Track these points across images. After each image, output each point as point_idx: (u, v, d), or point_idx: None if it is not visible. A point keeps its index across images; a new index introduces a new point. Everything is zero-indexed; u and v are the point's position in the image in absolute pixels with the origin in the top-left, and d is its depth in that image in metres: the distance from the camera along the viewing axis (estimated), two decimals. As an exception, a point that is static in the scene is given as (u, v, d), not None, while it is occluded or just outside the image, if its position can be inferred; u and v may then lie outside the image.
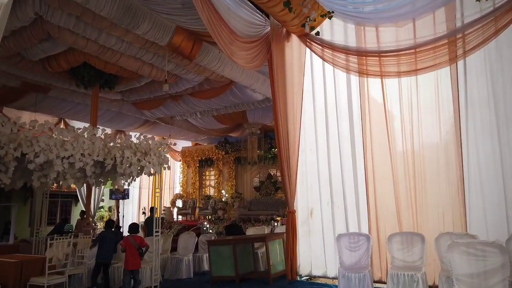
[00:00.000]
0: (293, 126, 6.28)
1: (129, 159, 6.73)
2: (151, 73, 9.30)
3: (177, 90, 10.77)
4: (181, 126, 15.25)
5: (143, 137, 7.10)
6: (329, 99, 6.31)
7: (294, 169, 6.21)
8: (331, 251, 6.03)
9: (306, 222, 6.31)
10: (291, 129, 6.30)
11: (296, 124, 6.30)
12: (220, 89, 10.92)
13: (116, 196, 14.97)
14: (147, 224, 10.42)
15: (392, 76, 5.79)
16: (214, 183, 18.01)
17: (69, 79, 9.54)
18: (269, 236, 6.53)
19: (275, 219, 13.83)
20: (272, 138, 16.30)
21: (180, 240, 8.70)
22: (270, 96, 11.42)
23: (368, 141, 5.85)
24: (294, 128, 6.28)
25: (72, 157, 5.97)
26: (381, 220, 5.67)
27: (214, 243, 6.96)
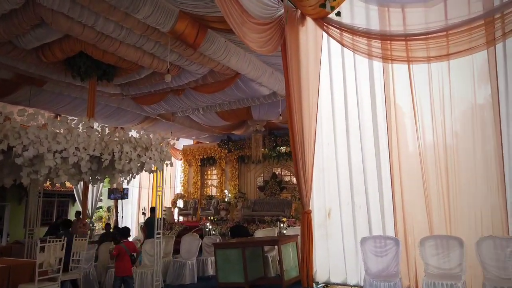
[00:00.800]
0: (309, 118, 5.70)
1: (128, 154, 6.16)
2: (152, 64, 8.72)
3: (179, 83, 10.19)
4: (183, 123, 14.67)
5: (144, 131, 6.52)
6: (349, 88, 5.73)
7: (310, 165, 5.62)
8: (352, 256, 5.45)
9: (323, 223, 5.73)
10: (306, 121, 5.72)
11: (312, 116, 5.72)
12: (224, 83, 10.34)
13: (114, 196, 14.40)
14: (147, 225, 9.82)
15: (420, 62, 5.22)
16: (216, 182, 17.44)
17: (65, 71, 8.95)
18: (282, 239, 5.95)
19: (281, 220, 13.25)
20: (277, 136, 15.74)
21: (183, 243, 8.12)
22: (277, 90, 10.92)
23: (393, 134, 5.26)
24: (309, 120, 5.70)
25: (65, 151, 5.39)
26: (408, 222, 5.09)
27: (221, 246, 6.38)
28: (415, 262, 4.97)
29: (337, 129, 5.81)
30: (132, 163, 6.19)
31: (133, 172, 6.30)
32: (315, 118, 5.77)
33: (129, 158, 6.18)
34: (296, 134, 5.76)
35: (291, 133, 5.88)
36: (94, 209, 14.36)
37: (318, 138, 5.81)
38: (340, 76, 5.86)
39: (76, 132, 5.54)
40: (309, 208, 5.68)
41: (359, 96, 5.67)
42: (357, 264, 5.42)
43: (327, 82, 5.93)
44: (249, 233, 9.36)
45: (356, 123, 5.65)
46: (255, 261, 6.47)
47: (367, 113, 5.59)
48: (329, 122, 5.85)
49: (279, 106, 12.43)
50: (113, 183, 6.28)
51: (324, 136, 5.88)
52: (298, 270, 6.13)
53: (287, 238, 6.12)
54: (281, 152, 15.71)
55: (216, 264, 6.36)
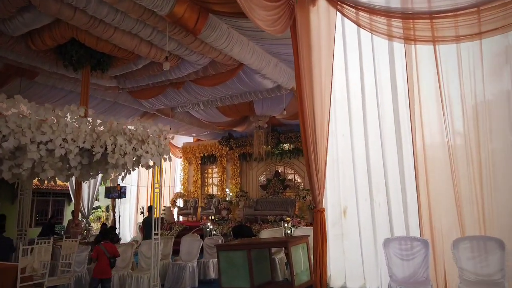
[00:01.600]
0: (321, 107, 5.15)
1: (122, 147, 5.61)
2: (150, 53, 8.16)
3: (178, 75, 9.63)
4: (183, 119, 14.12)
5: (140, 123, 5.97)
6: (366, 73, 5.19)
7: (323, 158, 5.07)
8: (371, 259, 4.90)
9: (338, 223, 5.18)
10: (318, 110, 5.17)
11: (324, 104, 5.17)
12: (226, 75, 9.79)
13: (112, 195, 13.84)
14: (145, 225, 9.28)
15: (448, 42, 4.67)
16: (217, 181, 16.89)
17: (57, 61, 8.37)
18: (291, 240, 5.40)
19: (285, 220, 12.69)
20: (280, 133, 15.19)
21: (182, 244, 7.57)
22: (282, 83, 10.37)
23: (417, 123, 4.71)
24: (322, 108, 5.15)
25: (51, 142, 4.84)
26: (436, 221, 4.53)
27: (224, 248, 5.83)
28: (444, 266, 4.42)
29: (353, 118, 5.25)
30: (127, 157, 5.64)
31: (128, 167, 5.75)
32: (328, 107, 5.22)
33: (124, 152, 5.63)
34: (307, 124, 5.20)
35: (302, 123, 5.33)
36: (91, 208, 13.79)
37: (332, 128, 5.26)
38: (356, 61, 5.31)
39: (64, 121, 4.99)
40: (322, 206, 5.12)
41: (378, 82, 5.12)
42: (377, 267, 4.87)
43: (342, 67, 5.38)
44: (253, 233, 8.80)
45: (374, 111, 5.10)
46: (262, 264, 5.92)
47: (387, 100, 5.04)
48: (344, 111, 5.30)
49: (283, 101, 11.88)
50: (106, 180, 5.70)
51: (339, 125, 5.33)
52: (309, 274, 5.58)
53: (297, 239, 5.57)
54: (284, 149, 15.16)
55: (219, 267, 5.81)
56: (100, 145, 5.39)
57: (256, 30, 7.55)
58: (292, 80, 10.18)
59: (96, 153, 5.28)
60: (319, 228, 5.08)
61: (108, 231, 6.38)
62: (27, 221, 8.11)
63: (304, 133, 5.31)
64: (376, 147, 5.00)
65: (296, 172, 15.23)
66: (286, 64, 9.63)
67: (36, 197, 14.52)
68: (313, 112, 5.26)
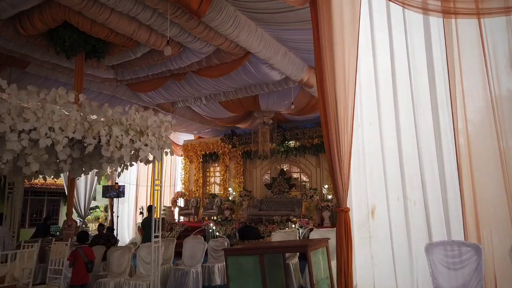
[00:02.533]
0: (344, 91, 4.49)
1: (118, 139, 4.96)
2: (149, 40, 7.51)
3: (180, 65, 8.99)
4: (184, 115, 13.48)
5: (138, 111, 5.32)
6: (398, 53, 4.52)
7: (347, 150, 4.41)
8: (405, 266, 4.24)
9: (365, 224, 4.52)
10: (341, 95, 4.51)
11: (348, 88, 4.50)
12: (231, 65, 9.14)
13: (110, 194, 13.19)
14: (144, 226, 8.63)
15: (495, 14, 4.02)
16: (219, 180, 16.25)
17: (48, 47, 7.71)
18: (312, 243, 4.73)
19: (292, 220, 12.05)
20: (286, 130, 14.54)
21: (185, 247, 6.91)
22: (290, 74, 9.70)
23: (459, 108, 4.05)
24: (345, 93, 4.49)
25: (35, 131, 4.19)
26: (484, 224, 3.87)
27: (234, 252, 5.16)
28: (494, 276, 3.77)
29: (382, 104, 4.59)
30: (123, 150, 4.99)
31: (125, 161, 5.10)
32: (353, 92, 4.55)
33: (120, 144, 4.99)
34: (329, 112, 4.55)
35: (323, 111, 4.67)
36: (88, 208, 13.14)
37: (358, 116, 4.60)
38: (385, 39, 4.65)
39: (50, 107, 4.34)
40: (347, 205, 4.46)
41: (412, 63, 4.46)
42: (412, 276, 4.22)
43: (368, 47, 4.72)
44: (260, 235, 8.16)
45: (407, 96, 4.43)
46: (275, 270, 5.26)
47: (422, 84, 4.38)
48: (372, 96, 4.63)
49: (290, 95, 11.24)
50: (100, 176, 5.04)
51: (365, 113, 4.66)
52: (329, 283, 4.92)
53: (317, 243, 4.90)
54: (289, 147, 14.51)
55: (227, 274, 5.14)
56: (92, 136, 4.74)
57: (265, 12, 6.92)
58: (301, 72, 9.55)
59: (88, 145, 4.64)
60: (343, 230, 4.42)
61: (85, 234, 5.89)
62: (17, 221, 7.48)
63: (325, 123, 4.66)
64: (410, 137, 4.34)
65: (302, 171, 14.58)
66: (296, 53, 9.00)
67: (30, 196, 13.89)
68: (335, 98, 4.60)
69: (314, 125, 14.10)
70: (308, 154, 14.26)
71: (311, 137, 13.92)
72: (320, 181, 13.90)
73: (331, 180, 4.63)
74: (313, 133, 13.82)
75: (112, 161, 5.11)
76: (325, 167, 13.80)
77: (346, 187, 4.48)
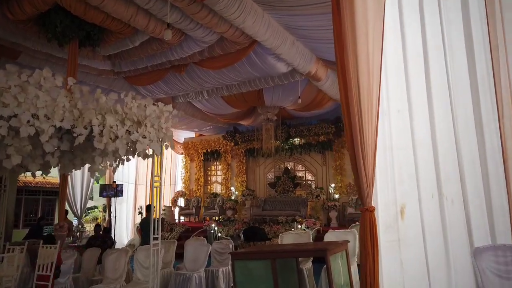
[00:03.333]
0: (368, 75, 3.93)
1: (113, 129, 4.42)
2: (148, 26, 6.97)
3: (181, 55, 8.44)
4: (185, 110, 12.91)
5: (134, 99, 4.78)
6: (430, 30, 3.98)
7: (372, 142, 3.85)
8: (442, 274, 3.70)
9: (393, 226, 3.96)
10: (364, 79, 3.94)
11: (373, 72, 3.94)
12: (235, 56, 8.60)
13: (107, 193, 12.63)
14: (142, 227, 8.07)
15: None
16: (221, 179, 15.70)
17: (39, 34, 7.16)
18: (331, 247, 4.19)
19: (297, 221, 11.51)
20: (290, 126, 13.99)
21: (187, 250, 6.37)
22: (298, 66, 9.15)
23: (504, 91, 3.52)
24: (369, 77, 3.93)
25: (15, 118, 3.66)
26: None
27: (242, 256, 4.62)
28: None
29: (412, 89, 4.03)
30: (118, 142, 4.45)
31: (120, 155, 4.55)
32: (379, 75, 3.99)
33: (115, 135, 4.45)
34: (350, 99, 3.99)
35: (343, 97, 4.11)
36: (84, 208, 12.58)
37: (383, 103, 4.04)
38: (415, 15, 4.10)
39: (34, 91, 3.79)
40: (371, 204, 3.91)
41: (447, 41, 3.92)
42: (450, 285, 3.67)
43: (396, 24, 4.17)
44: (267, 237, 7.62)
45: (442, 79, 3.89)
46: (288, 277, 4.72)
47: (460, 64, 3.84)
48: (400, 80, 4.07)
49: (296, 89, 10.69)
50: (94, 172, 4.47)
51: (392, 100, 4.09)
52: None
53: (336, 246, 4.36)
54: (294, 144, 13.97)
55: (234, 280, 4.60)
56: (83, 126, 4.20)
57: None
58: (309, 63, 9.00)
59: (78, 136, 4.09)
60: (368, 232, 3.85)
61: (51, 236, 5.35)
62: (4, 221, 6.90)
63: (346, 111, 4.09)
64: (446, 126, 3.80)
65: (307, 169, 14.04)
66: (304, 43, 8.45)
67: (25, 196, 13.34)
68: (358, 83, 4.03)
69: (320, 121, 13.56)
70: (314, 152, 13.73)
71: (317, 134, 13.37)
72: (327, 180, 13.36)
73: (354, 175, 4.08)
74: (319, 130, 13.28)
75: (106, 155, 4.58)
76: (332, 165, 13.27)
77: (370, 183, 3.92)
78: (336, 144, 13.19)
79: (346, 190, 12.81)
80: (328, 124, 13.11)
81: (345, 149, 13.05)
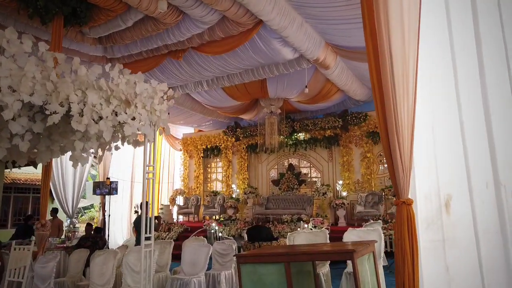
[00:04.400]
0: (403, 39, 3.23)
1: (96, 108, 3.71)
2: (141, 3, 6.25)
3: (179, 38, 7.71)
4: (183, 103, 12.22)
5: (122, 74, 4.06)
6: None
7: (408, 121, 3.15)
8: (499, 282, 3.00)
9: (436, 222, 3.25)
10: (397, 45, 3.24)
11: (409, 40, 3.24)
12: (238, 39, 7.88)
13: (101, 191, 11.90)
14: (136, 226, 7.39)
15: None
16: (221, 176, 14.98)
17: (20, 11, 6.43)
18: (358, 248, 3.47)
19: (303, 220, 10.80)
20: (295, 120, 13.27)
21: (185, 251, 5.65)
22: (305, 51, 8.42)
23: None
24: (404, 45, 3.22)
25: (-32, 88, 2.94)
26: None
27: (249, 259, 3.89)
28: None
29: (457, 57, 3.32)
30: (102, 124, 3.74)
31: (105, 138, 3.82)
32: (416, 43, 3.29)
33: (98, 115, 3.73)
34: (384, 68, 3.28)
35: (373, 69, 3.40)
36: (76, 207, 11.83)
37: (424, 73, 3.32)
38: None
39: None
40: (408, 196, 3.19)
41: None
42: (511, 297, 2.96)
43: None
44: (273, 237, 6.91)
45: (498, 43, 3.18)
46: (304, 283, 4.01)
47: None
48: (445, 49, 3.36)
49: (302, 79, 9.98)
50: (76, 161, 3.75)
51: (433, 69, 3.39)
52: (379, 300, 3.68)
53: (363, 247, 3.65)
54: (299, 139, 13.25)
55: (240, 286, 3.88)
56: (59, 102, 3.48)
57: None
58: (317, 48, 8.29)
59: (52, 114, 3.38)
60: (405, 230, 3.15)
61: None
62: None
63: (376, 84, 3.38)
64: (502, 100, 3.10)
65: (313, 165, 13.32)
66: (313, 25, 7.74)
67: (14, 193, 12.61)
68: (390, 50, 3.33)
69: (326, 115, 12.85)
70: (319, 147, 13.01)
71: (323, 128, 12.65)
72: (333, 177, 12.64)
73: (387, 161, 3.35)
74: (325, 124, 12.56)
75: (89, 139, 3.86)
76: (339, 161, 12.56)
77: (407, 171, 3.20)
78: (344, 138, 12.47)
79: (354, 187, 12.10)
80: (335, 118, 12.40)
81: (353, 144, 12.36)
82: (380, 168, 11.99)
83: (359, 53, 8.37)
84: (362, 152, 12.11)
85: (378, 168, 11.98)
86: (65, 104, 3.54)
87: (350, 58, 9.00)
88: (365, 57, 3.54)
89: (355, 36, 7.69)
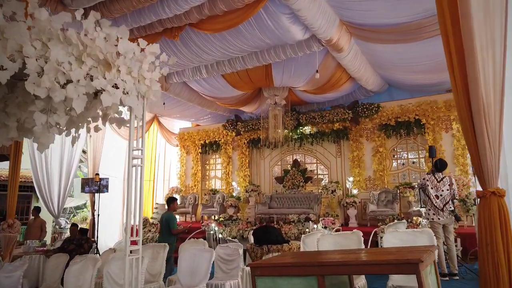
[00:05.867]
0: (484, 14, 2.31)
1: (62, 67, 2.74)
2: (131, -38, 5.28)
3: (175, 12, 6.74)
4: (179, 94, 11.23)
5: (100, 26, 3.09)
6: None
7: (497, 98, 2.26)
8: None
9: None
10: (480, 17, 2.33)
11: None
12: (242, 13, 6.92)
13: (90, 189, 10.90)
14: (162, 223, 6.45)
15: None
16: (221, 173, 14.02)
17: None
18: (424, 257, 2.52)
19: (311, 220, 9.85)
20: (300, 113, 12.32)
21: (182, 258, 4.67)
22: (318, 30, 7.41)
23: None
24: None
25: None
26: None
27: (268, 270, 2.94)
28: None
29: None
30: (72, 89, 2.78)
31: (75, 109, 2.84)
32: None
33: (65, 78, 2.76)
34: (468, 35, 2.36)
35: (449, 43, 2.49)
36: (62, 206, 10.82)
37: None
38: None
39: None
40: (498, 185, 2.28)
41: None
42: None
43: None
44: (284, 239, 5.94)
45: None
46: (338, 301, 3.07)
47: None
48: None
49: (311, 65, 9.04)
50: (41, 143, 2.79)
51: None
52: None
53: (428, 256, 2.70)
54: (304, 133, 12.31)
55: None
56: (8, 55, 2.52)
57: None
58: (331, 27, 7.34)
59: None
60: (497, 228, 2.24)
61: None
62: None
63: (453, 63, 2.48)
64: None
65: (320, 161, 12.37)
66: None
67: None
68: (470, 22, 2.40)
69: (334, 107, 11.91)
70: (327, 142, 12.07)
71: (331, 121, 11.70)
72: (342, 173, 11.70)
73: (468, 145, 2.44)
74: (334, 116, 11.61)
75: (55, 110, 2.89)
76: (348, 157, 11.61)
77: (496, 157, 2.28)
78: (353, 132, 11.53)
79: (365, 184, 11.16)
80: (344, 110, 11.46)
81: (363, 138, 11.42)
82: (393, 164, 11.06)
83: (378, 32, 7.44)
84: (374, 146, 11.18)
85: (391, 164, 11.05)
86: (18, 58, 2.58)
87: (367, 39, 8.05)
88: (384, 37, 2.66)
89: (376, 10, 6.75)
